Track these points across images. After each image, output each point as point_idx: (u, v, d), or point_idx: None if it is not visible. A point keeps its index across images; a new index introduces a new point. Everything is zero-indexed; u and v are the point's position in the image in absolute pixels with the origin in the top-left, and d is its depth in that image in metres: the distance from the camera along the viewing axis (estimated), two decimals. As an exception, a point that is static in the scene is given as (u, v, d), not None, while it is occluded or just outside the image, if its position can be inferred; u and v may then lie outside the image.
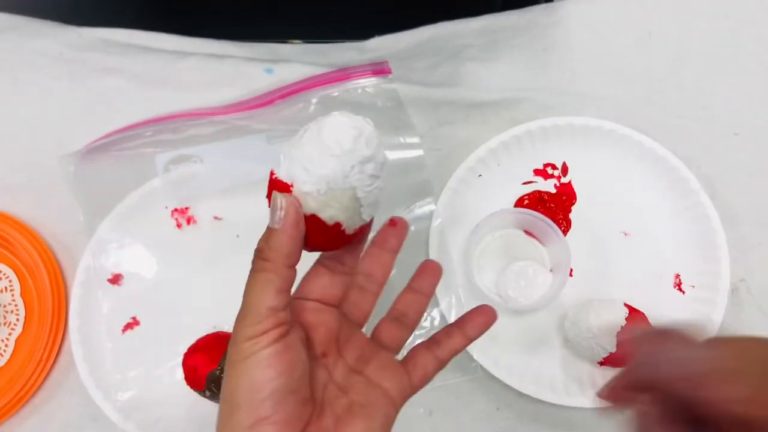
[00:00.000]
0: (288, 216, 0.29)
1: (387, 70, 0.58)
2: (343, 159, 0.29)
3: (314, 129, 0.29)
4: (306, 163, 0.29)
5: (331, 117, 0.29)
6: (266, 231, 0.30)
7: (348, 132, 0.29)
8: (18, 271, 0.57)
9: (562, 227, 0.55)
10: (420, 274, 0.38)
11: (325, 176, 0.29)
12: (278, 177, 0.30)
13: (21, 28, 0.63)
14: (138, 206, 0.55)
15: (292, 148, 0.30)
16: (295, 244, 0.29)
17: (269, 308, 0.29)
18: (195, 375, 0.49)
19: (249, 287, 0.30)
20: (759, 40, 0.62)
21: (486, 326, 0.36)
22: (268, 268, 0.29)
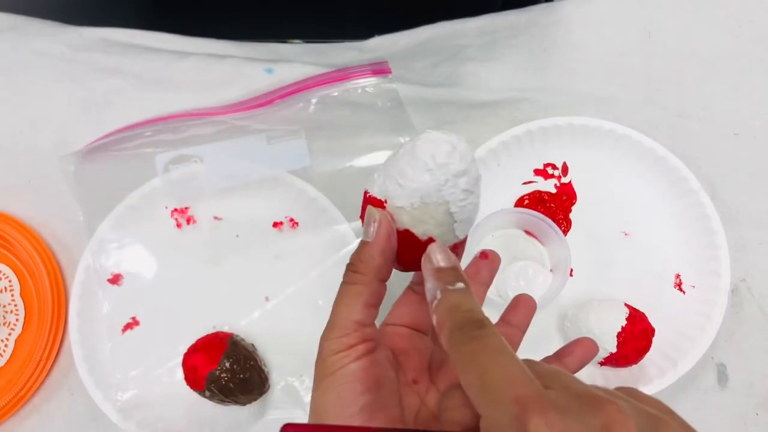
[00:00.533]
0: (381, 229, 0.29)
1: (387, 70, 0.58)
2: (436, 173, 0.29)
3: (408, 146, 0.30)
4: (399, 177, 0.29)
5: (426, 133, 0.30)
6: (359, 245, 0.30)
7: (442, 147, 0.29)
8: (18, 271, 0.57)
9: (562, 227, 0.55)
10: (513, 308, 0.37)
11: (418, 190, 0.29)
12: (372, 194, 0.31)
13: (21, 28, 0.63)
14: (138, 206, 0.55)
15: (387, 166, 0.30)
16: (387, 257, 0.30)
17: (356, 322, 0.29)
18: (195, 375, 0.49)
19: (337, 299, 0.30)
20: (759, 40, 0.62)
21: (587, 359, 0.35)
22: (357, 280, 0.29)
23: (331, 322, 0.29)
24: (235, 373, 0.48)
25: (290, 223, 0.56)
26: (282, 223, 0.56)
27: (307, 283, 0.55)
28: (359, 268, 0.30)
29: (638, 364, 0.49)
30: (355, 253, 0.30)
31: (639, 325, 0.48)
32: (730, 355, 0.53)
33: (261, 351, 0.53)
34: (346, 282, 0.30)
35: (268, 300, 0.54)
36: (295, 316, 0.54)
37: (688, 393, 0.52)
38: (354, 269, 0.30)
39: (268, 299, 0.54)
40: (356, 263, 0.30)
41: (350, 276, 0.30)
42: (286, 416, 0.52)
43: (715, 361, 0.53)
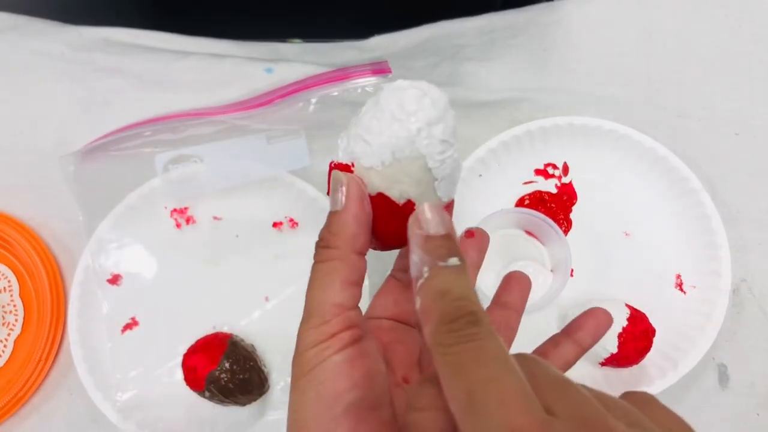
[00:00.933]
0: (350, 192, 0.25)
1: (387, 69, 0.58)
2: (406, 122, 0.25)
3: (372, 99, 0.26)
4: (365, 134, 0.25)
5: (389, 84, 0.26)
6: (327, 218, 0.26)
7: (410, 92, 0.25)
8: (17, 271, 0.57)
9: (563, 227, 0.55)
10: (505, 287, 0.33)
11: (387, 144, 0.25)
12: (336, 160, 0.27)
13: (21, 27, 0.63)
14: (137, 206, 0.55)
15: (351, 127, 0.27)
16: (361, 224, 0.25)
17: (336, 305, 0.24)
18: (194, 375, 0.49)
19: (310, 283, 0.25)
20: (759, 39, 0.62)
21: (600, 332, 0.31)
22: (331, 256, 0.25)
23: (307, 310, 0.25)
24: (234, 374, 0.48)
25: (290, 223, 0.56)
26: (282, 223, 0.56)
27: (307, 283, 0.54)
28: (331, 242, 0.25)
29: (639, 364, 0.49)
30: (324, 227, 0.26)
31: (640, 326, 0.48)
32: (731, 356, 0.53)
33: (261, 351, 0.52)
34: (317, 260, 0.25)
35: (267, 300, 0.54)
36: (294, 316, 0.53)
37: (688, 393, 0.52)
38: (325, 244, 0.25)
39: (267, 299, 0.54)
40: (326, 237, 0.25)
41: (322, 253, 0.25)
42: (285, 417, 0.51)
43: (715, 361, 0.53)
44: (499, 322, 0.32)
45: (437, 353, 0.20)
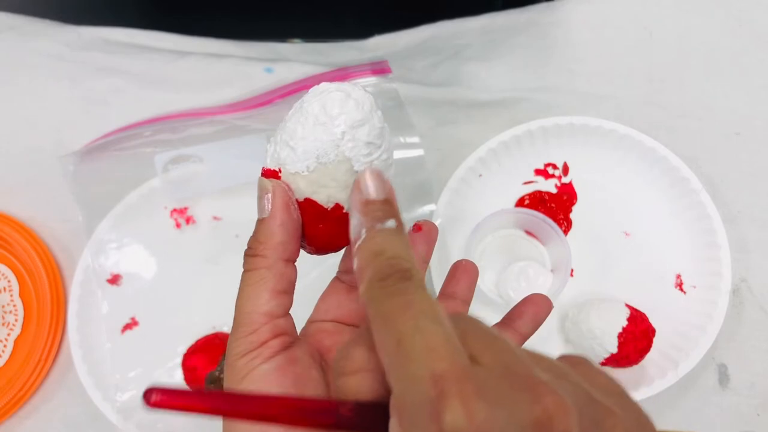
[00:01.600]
0: (275, 199, 0.25)
1: (387, 69, 0.58)
2: (329, 126, 0.25)
3: (297, 105, 0.26)
4: (289, 139, 0.25)
5: (316, 87, 0.26)
6: (255, 225, 0.26)
7: (333, 96, 0.25)
8: (17, 271, 0.57)
9: (563, 227, 0.55)
10: (453, 277, 0.32)
11: (311, 149, 0.25)
12: (264, 166, 0.27)
13: (20, 27, 0.63)
14: (137, 206, 0.55)
15: (277, 132, 0.26)
16: (289, 231, 0.25)
17: (264, 314, 0.25)
18: (194, 376, 0.49)
19: (239, 292, 0.26)
20: (760, 39, 0.62)
21: (539, 318, 0.31)
22: (258, 264, 0.25)
23: (236, 319, 0.25)
24: (234, 374, 0.48)
25: (290, 223, 0.56)
26: (282, 223, 0.56)
27: (307, 283, 0.54)
28: (258, 250, 0.25)
29: (639, 364, 0.49)
30: (252, 236, 0.26)
31: (640, 326, 0.48)
32: (731, 356, 0.53)
33: (261, 351, 0.52)
34: (245, 269, 0.25)
35: (267, 300, 0.54)
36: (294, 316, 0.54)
37: (689, 393, 0.52)
38: (252, 253, 0.25)
39: (267, 299, 0.54)
40: (253, 245, 0.25)
41: (249, 261, 0.25)
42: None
43: (716, 361, 0.53)
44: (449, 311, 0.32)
45: (370, 307, 0.21)
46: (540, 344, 0.52)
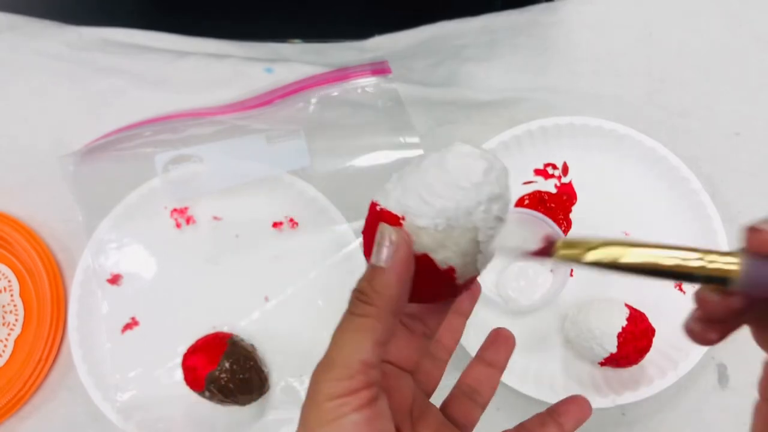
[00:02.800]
0: (399, 252, 0.25)
1: (387, 69, 0.58)
2: (470, 193, 0.25)
3: (436, 157, 0.26)
4: (425, 192, 0.25)
5: (458, 145, 0.26)
6: (369, 270, 0.25)
7: (478, 163, 0.25)
8: (17, 271, 0.57)
9: (563, 227, 0.55)
10: (492, 344, 0.33)
11: (446, 210, 0.25)
12: (385, 207, 0.26)
13: (21, 28, 0.63)
14: (137, 206, 0.55)
15: (407, 176, 0.26)
16: (404, 286, 0.25)
17: (363, 362, 0.24)
18: (194, 375, 0.49)
19: (342, 333, 0.25)
20: (760, 39, 0.62)
21: (581, 420, 0.33)
22: (369, 312, 0.25)
23: (331, 358, 0.25)
24: (234, 374, 0.48)
25: (290, 223, 0.56)
26: (282, 224, 0.56)
27: (307, 283, 0.54)
28: (372, 299, 0.25)
29: (639, 364, 0.49)
30: (365, 279, 0.25)
31: (639, 325, 0.48)
32: (731, 356, 0.53)
33: (261, 351, 0.52)
34: (355, 313, 0.25)
35: (267, 300, 0.54)
36: (294, 316, 0.54)
37: (688, 393, 0.52)
38: (365, 299, 0.25)
39: (267, 299, 0.54)
40: (368, 292, 0.25)
41: (360, 307, 0.25)
42: (285, 416, 0.51)
43: (715, 361, 0.53)
44: (481, 380, 0.33)
45: None
46: (540, 344, 0.53)
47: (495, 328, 0.34)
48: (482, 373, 0.33)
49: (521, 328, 0.53)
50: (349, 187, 0.56)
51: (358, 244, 0.54)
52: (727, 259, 0.21)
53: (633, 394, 0.49)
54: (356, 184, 0.56)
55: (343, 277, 0.54)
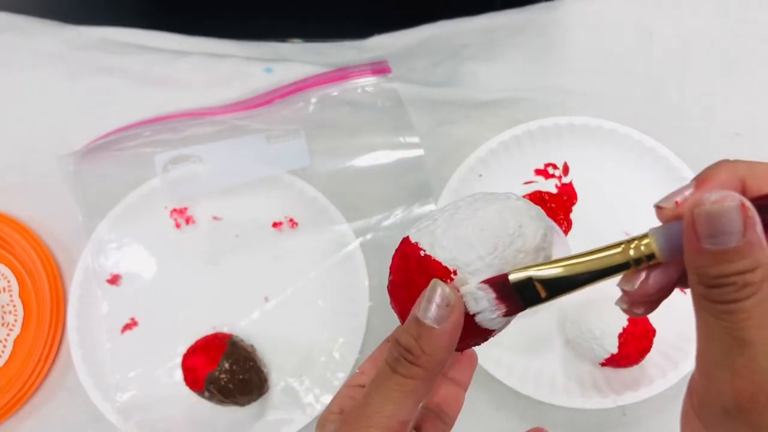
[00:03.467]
0: (454, 316, 0.24)
1: (386, 69, 0.58)
2: (528, 257, 0.24)
3: (492, 210, 0.25)
4: (482, 251, 0.24)
5: (515, 201, 0.25)
6: (417, 326, 0.24)
7: (539, 226, 0.25)
8: (16, 271, 0.57)
9: (563, 227, 0.55)
10: (456, 362, 0.33)
11: (498, 269, 0.24)
12: (431, 255, 0.25)
13: (20, 27, 0.63)
14: (137, 206, 0.55)
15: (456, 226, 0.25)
16: (453, 350, 0.24)
17: (401, 422, 0.24)
18: (194, 376, 0.49)
19: (383, 390, 0.24)
20: (760, 38, 0.62)
21: None
22: (417, 375, 0.24)
23: (367, 416, 0.24)
24: (234, 374, 0.48)
25: (290, 223, 0.56)
26: (281, 223, 0.56)
27: (307, 283, 0.54)
28: (421, 361, 0.24)
29: (639, 364, 0.49)
30: (412, 337, 0.24)
31: (640, 326, 0.48)
32: (732, 356, 0.53)
33: (260, 352, 0.52)
34: (400, 373, 0.24)
35: (267, 300, 0.54)
36: (294, 316, 0.54)
37: (689, 394, 0.52)
38: (413, 360, 0.24)
39: (267, 299, 0.54)
40: (417, 353, 0.24)
41: (407, 367, 0.24)
42: (285, 417, 0.51)
43: (716, 361, 0.53)
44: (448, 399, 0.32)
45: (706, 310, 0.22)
46: (540, 344, 0.52)
47: None
48: (449, 392, 0.32)
49: (521, 328, 0.53)
50: (349, 187, 0.56)
51: (359, 245, 0.54)
52: (644, 240, 0.24)
53: (634, 394, 0.49)
54: (356, 184, 0.56)
55: (343, 278, 0.54)
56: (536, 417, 0.52)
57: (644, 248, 0.23)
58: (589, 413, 0.50)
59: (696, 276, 0.21)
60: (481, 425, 0.52)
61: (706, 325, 0.21)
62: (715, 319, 0.21)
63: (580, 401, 0.49)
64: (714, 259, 0.20)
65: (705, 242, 0.20)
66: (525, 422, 0.52)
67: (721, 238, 0.20)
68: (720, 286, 0.20)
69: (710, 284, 0.21)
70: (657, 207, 0.24)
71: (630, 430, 0.51)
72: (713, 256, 0.20)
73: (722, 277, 0.20)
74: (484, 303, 0.24)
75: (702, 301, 0.21)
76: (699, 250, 0.21)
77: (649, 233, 0.23)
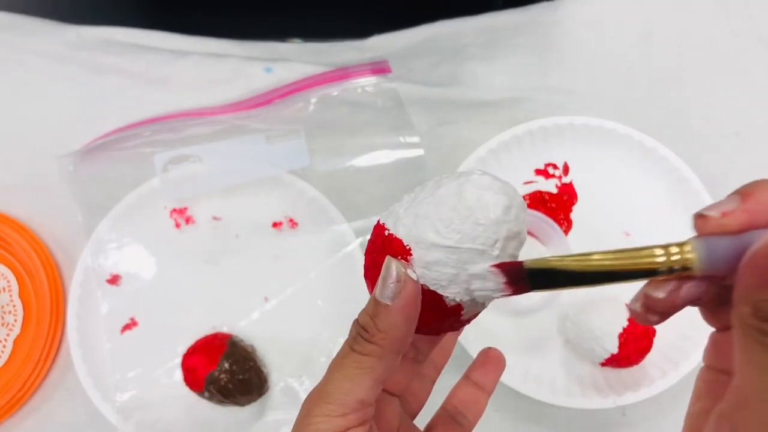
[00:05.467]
0: (406, 292, 0.23)
1: (387, 69, 0.58)
2: (488, 230, 0.23)
3: (453, 186, 0.24)
4: (440, 225, 0.23)
5: (478, 176, 0.24)
6: (374, 305, 0.24)
7: (499, 199, 0.23)
8: (16, 271, 0.57)
9: (563, 227, 0.55)
10: (481, 365, 0.32)
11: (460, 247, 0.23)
12: (394, 233, 0.24)
13: (20, 27, 0.63)
14: (137, 206, 0.55)
15: (420, 202, 0.24)
16: (410, 327, 0.24)
17: (359, 400, 0.24)
18: (194, 376, 0.49)
19: (340, 367, 0.24)
20: (760, 39, 0.62)
21: None
22: (372, 351, 0.24)
23: (326, 392, 0.24)
24: (234, 374, 0.48)
25: (290, 223, 0.56)
26: (281, 223, 0.56)
27: (307, 283, 0.54)
28: (376, 338, 0.24)
29: (639, 364, 0.49)
30: (368, 315, 0.24)
31: (640, 326, 0.48)
32: (732, 356, 0.53)
33: (260, 352, 0.52)
34: (356, 351, 0.24)
35: (267, 300, 0.54)
36: (294, 316, 0.54)
37: (689, 394, 0.51)
38: (369, 337, 0.24)
39: (267, 300, 0.54)
40: (372, 331, 0.24)
41: (362, 344, 0.24)
42: (285, 417, 0.51)
43: (716, 361, 0.53)
44: (468, 402, 0.32)
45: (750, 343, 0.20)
46: (540, 344, 0.52)
47: (484, 348, 0.33)
48: (469, 395, 0.32)
49: (521, 328, 0.53)
50: (349, 187, 0.56)
51: (359, 245, 0.54)
52: (685, 248, 0.22)
53: (634, 394, 0.49)
54: (356, 184, 0.56)
55: (343, 278, 0.54)
56: (536, 417, 0.52)
57: (683, 259, 0.22)
58: (589, 413, 0.50)
59: (751, 308, 0.20)
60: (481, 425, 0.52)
61: (758, 357, 0.20)
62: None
63: (580, 401, 0.49)
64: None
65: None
66: (525, 423, 0.52)
67: None
68: None
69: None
70: (700, 216, 0.22)
71: (630, 430, 0.51)
72: None
73: None
74: (491, 285, 0.24)
75: (753, 333, 0.20)
76: (763, 284, 0.19)
77: (693, 245, 0.22)
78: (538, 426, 0.52)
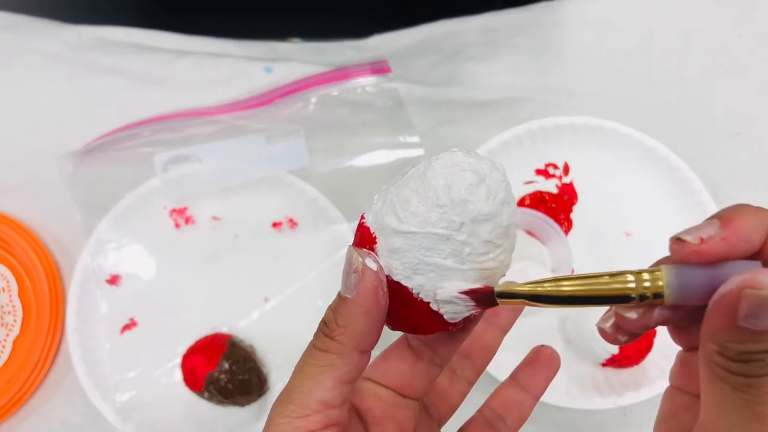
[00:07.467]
0: (363, 283, 0.22)
1: (387, 69, 0.58)
2: (449, 212, 0.21)
3: (422, 165, 0.22)
4: (399, 209, 0.21)
5: (450, 153, 0.21)
6: (337, 299, 0.23)
7: (464, 176, 0.21)
8: (16, 271, 0.57)
9: (564, 227, 0.55)
10: (530, 365, 0.30)
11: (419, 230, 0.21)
12: (365, 222, 0.23)
13: (19, 27, 0.63)
14: (136, 206, 0.55)
15: (389, 188, 0.22)
16: (372, 321, 0.22)
17: (320, 401, 0.22)
18: (193, 376, 0.49)
19: (302, 366, 0.23)
20: (760, 38, 0.62)
21: None
22: (330, 348, 0.22)
23: (288, 392, 0.23)
24: (233, 375, 0.48)
25: (289, 223, 0.56)
26: (281, 223, 0.56)
27: (306, 283, 0.54)
28: (335, 334, 0.22)
29: (640, 365, 0.49)
30: (331, 309, 0.23)
31: (640, 326, 0.48)
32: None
33: (260, 352, 0.52)
34: (316, 347, 0.23)
35: (267, 301, 0.54)
36: (294, 316, 0.54)
37: (689, 394, 0.52)
38: (328, 333, 0.22)
39: (267, 300, 0.54)
40: (331, 326, 0.22)
41: (322, 341, 0.22)
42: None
43: (717, 361, 0.52)
44: (510, 406, 0.29)
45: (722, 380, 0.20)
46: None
47: (537, 346, 0.30)
48: (512, 398, 0.29)
49: (522, 328, 0.53)
50: (349, 187, 0.56)
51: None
52: (656, 275, 0.21)
53: (634, 394, 0.49)
54: (356, 184, 0.56)
55: (343, 278, 0.54)
56: (536, 417, 0.51)
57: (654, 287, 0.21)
58: (590, 414, 0.50)
59: (718, 347, 0.20)
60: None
61: (722, 395, 0.20)
62: (733, 390, 0.19)
63: (580, 402, 0.49)
64: (746, 337, 0.19)
65: (742, 321, 0.19)
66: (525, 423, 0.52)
67: (761, 320, 0.19)
68: (746, 361, 0.19)
69: (735, 358, 0.19)
70: (677, 239, 0.21)
71: (631, 430, 0.51)
72: (746, 333, 0.19)
73: (750, 354, 0.19)
74: (461, 308, 0.22)
75: (719, 371, 0.20)
76: (731, 326, 0.19)
77: (666, 274, 0.21)
78: (539, 426, 0.52)
